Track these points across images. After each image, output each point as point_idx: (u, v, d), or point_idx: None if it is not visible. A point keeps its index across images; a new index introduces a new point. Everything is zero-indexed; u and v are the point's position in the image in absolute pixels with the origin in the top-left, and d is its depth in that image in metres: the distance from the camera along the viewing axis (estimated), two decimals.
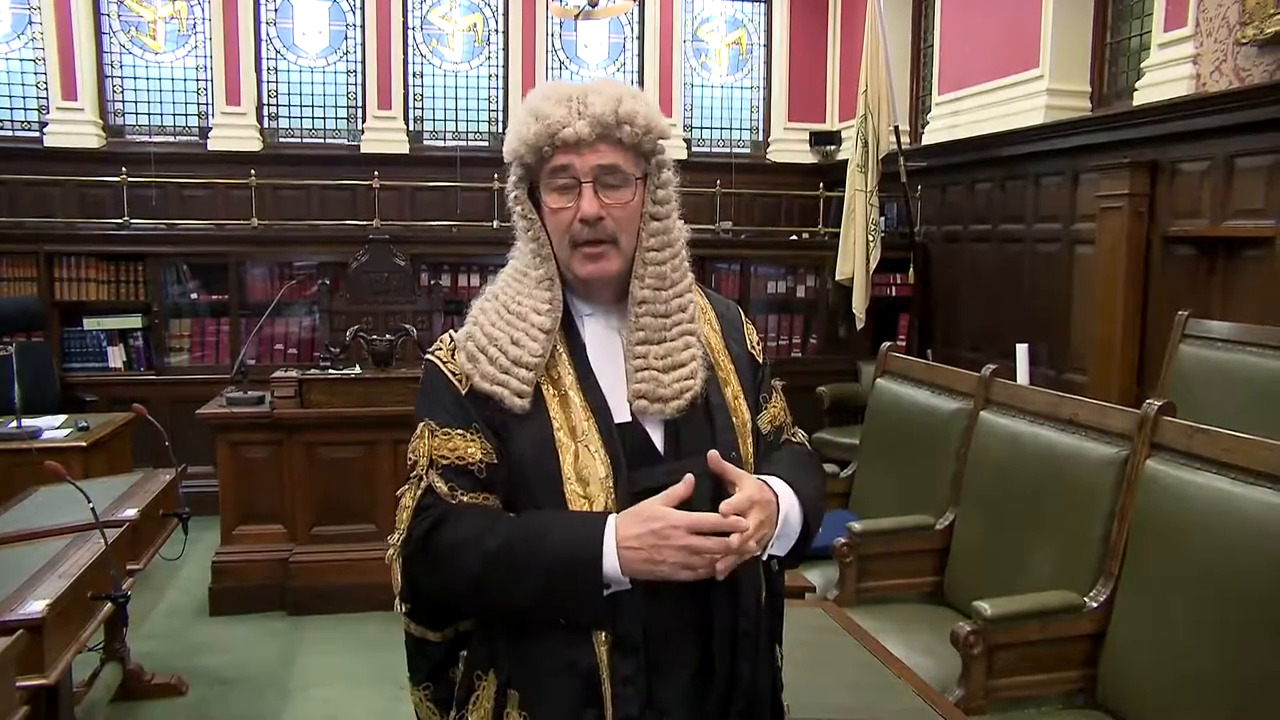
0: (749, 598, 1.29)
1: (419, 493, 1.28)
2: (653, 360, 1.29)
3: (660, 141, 1.30)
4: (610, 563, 1.18)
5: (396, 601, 1.32)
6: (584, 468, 1.24)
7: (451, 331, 1.35)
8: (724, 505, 1.20)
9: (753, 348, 1.43)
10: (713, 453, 1.24)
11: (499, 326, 1.29)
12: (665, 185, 1.32)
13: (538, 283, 1.30)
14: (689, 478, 1.21)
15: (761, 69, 7.73)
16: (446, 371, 1.31)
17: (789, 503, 1.30)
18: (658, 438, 1.29)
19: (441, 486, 1.26)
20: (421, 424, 1.30)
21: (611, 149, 1.26)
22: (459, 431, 1.27)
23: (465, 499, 1.26)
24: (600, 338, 1.33)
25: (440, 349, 1.34)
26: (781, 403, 1.47)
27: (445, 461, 1.26)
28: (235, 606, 4.00)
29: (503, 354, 1.27)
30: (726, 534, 1.18)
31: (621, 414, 1.28)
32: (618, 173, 1.27)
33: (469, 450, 1.26)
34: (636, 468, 1.26)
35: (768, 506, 1.24)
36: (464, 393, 1.28)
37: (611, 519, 1.20)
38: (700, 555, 1.18)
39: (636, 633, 1.22)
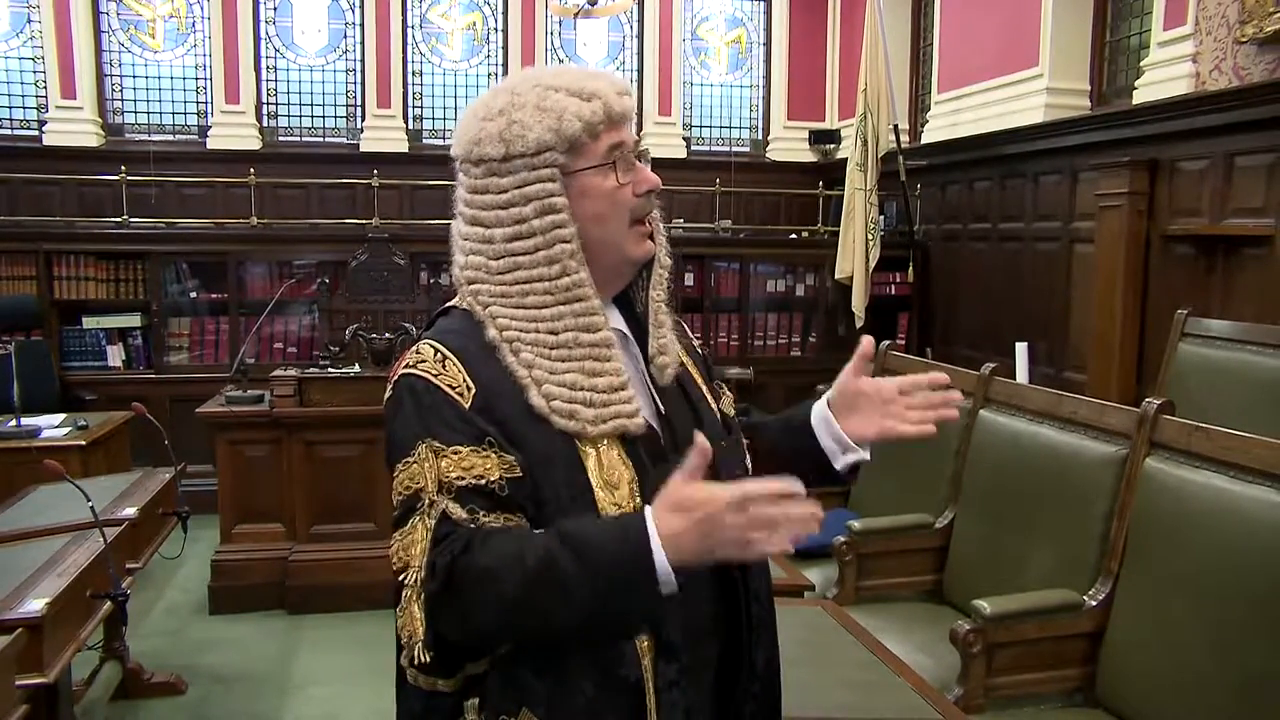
0: (761, 583, 1.29)
1: (433, 522, 1.12)
2: (665, 321, 1.30)
3: None
4: (661, 562, 1.07)
5: (420, 652, 1.12)
6: (610, 472, 1.17)
7: (431, 341, 1.20)
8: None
9: (695, 341, 1.45)
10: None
11: (558, 372, 1.17)
12: None
13: (567, 291, 1.19)
14: (701, 442, 1.09)
15: (761, 67, 7.72)
16: (442, 385, 1.16)
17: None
18: (663, 434, 1.26)
19: (458, 511, 1.11)
20: (421, 445, 1.14)
21: (631, 124, 1.26)
22: (470, 449, 1.13)
23: (488, 522, 1.12)
24: None
25: (424, 361, 1.18)
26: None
27: (461, 483, 1.12)
28: (235, 605, 4.00)
29: (594, 392, 1.17)
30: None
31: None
32: (639, 146, 1.27)
33: (486, 467, 1.13)
34: (652, 465, 1.22)
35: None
36: (469, 406, 1.15)
37: (650, 517, 1.09)
38: (760, 528, 1.05)
39: (678, 635, 1.17)
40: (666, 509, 1.09)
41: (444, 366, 1.17)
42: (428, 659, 1.12)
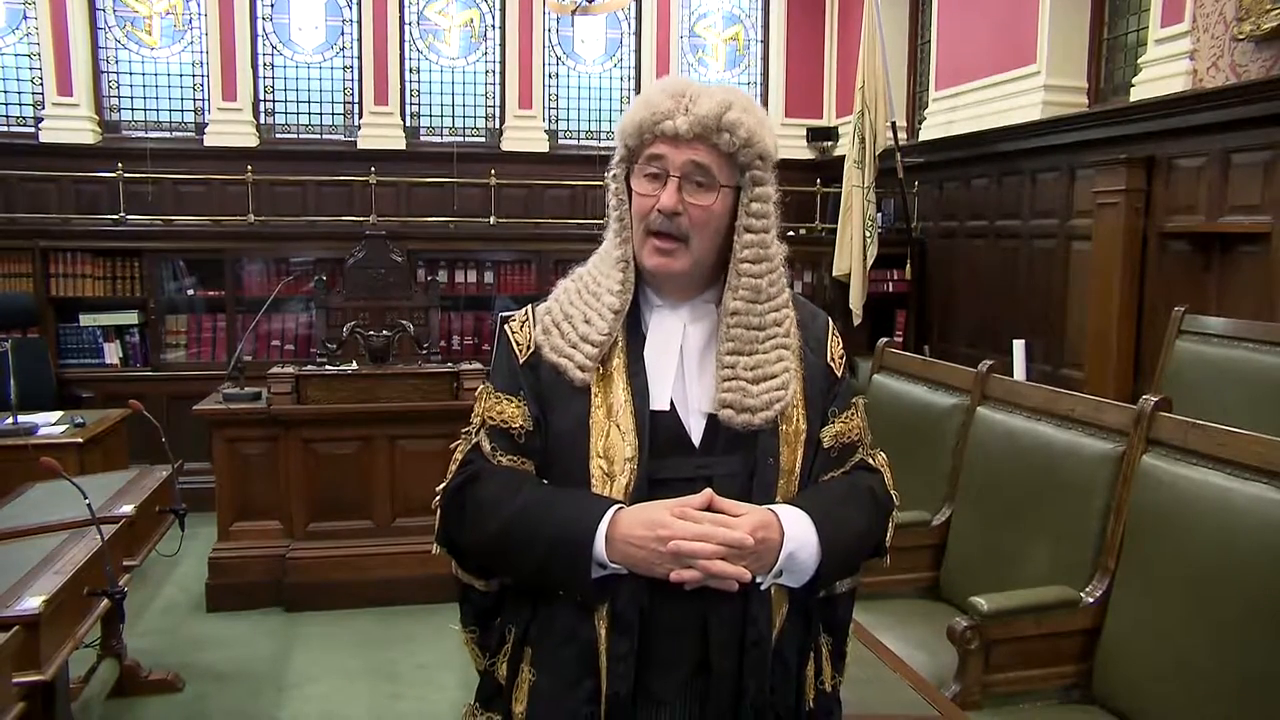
0: (760, 607, 1.28)
1: (467, 448, 1.39)
2: (741, 371, 1.31)
3: (760, 159, 1.30)
4: (599, 550, 1.24)
5: (434, 545, 1.42)
6: (612, 447, 1.29)
7: (532, 304, 1.42)
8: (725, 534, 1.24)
9: (832, 360, 1.41)
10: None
11: (576, 304, 1.36)
12: (762, 200, 1.31)
13: (615, 263, 1.35)
14: (707, 492, 1.25)
15: (758, 64, 7.72)
16: (513, 341, 1.39)
17: (799, 542, 1.26)
18: (696, 431, 1.32)
19: (486, 446, 1.36)
20: (482, 385, 1.43)
21: (708, 151, 1.29)
22: (508, 397, 1.36)
23: (504, 460, 1.35)
24: (663, 329, 1.36)
25: (515, 319, 1.42)
26: (858, 421, 1.44)
27: (492, 423, 1.36)
28: (232, 603, 4.00)
29: (574, 329, 1.34)
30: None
31: (660, 403, 1.32)
32: (707, 174, 1.29)
33: (512, 414, 1.35)
34: (666, 456, 1.30)
35: (766, 542, 1.24)
36: (521, 362, 1.37)
37: (613, 510, 1.25)
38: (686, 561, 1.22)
39: (633, 614, 1.26)
40: (637, 520, 1.24)
41: (521, 326, 1.40)
42: (436, 550, 1.41)
